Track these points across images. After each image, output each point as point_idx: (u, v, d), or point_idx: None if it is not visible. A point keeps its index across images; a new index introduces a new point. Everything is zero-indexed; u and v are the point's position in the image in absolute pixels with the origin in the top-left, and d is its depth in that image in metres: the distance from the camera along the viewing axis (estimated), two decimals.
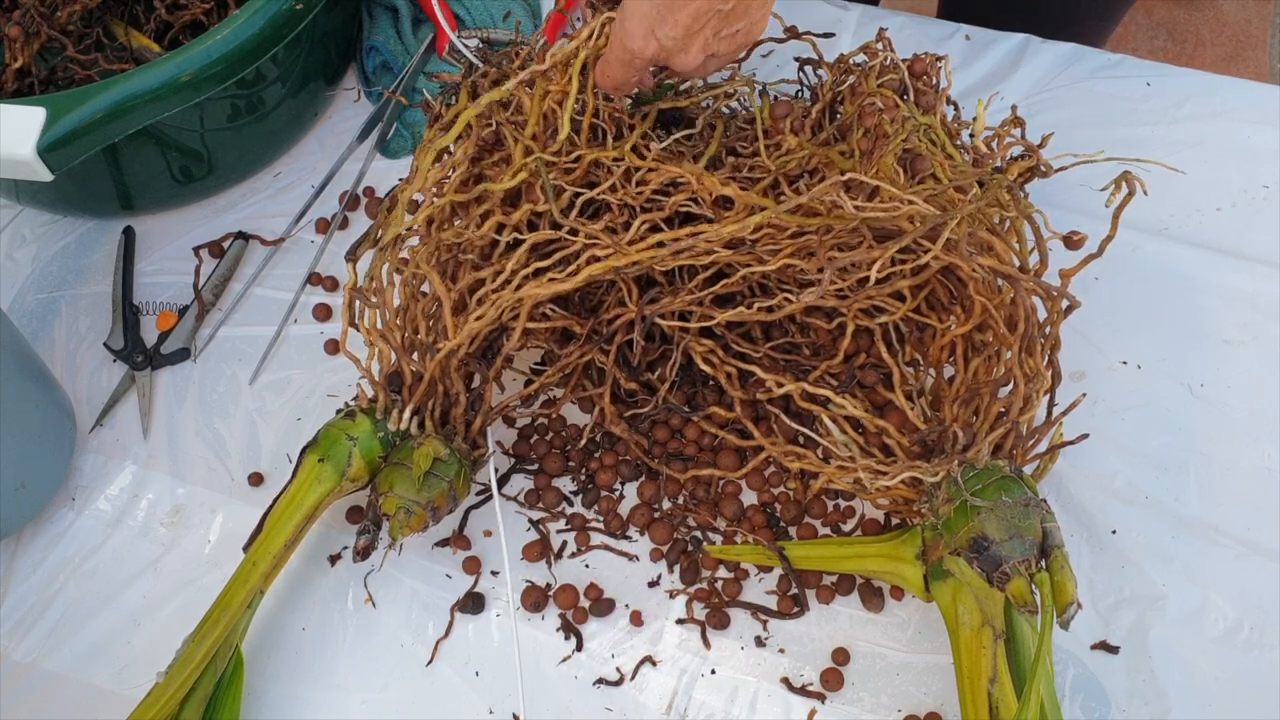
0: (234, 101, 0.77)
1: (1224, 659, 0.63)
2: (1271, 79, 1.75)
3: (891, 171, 0.61)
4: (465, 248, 0.65)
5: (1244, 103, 0.84)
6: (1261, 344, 0.74)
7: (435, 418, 0.64)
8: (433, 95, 0.72)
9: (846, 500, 0.69)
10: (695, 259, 0.61)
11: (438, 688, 0.64)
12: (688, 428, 0.70)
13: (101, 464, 0.73)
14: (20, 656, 0.66)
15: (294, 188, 0.84)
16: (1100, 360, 0.73)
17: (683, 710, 0.63)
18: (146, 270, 0.81)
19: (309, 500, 0.62)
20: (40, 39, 0.80)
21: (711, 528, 0.68)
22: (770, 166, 0.64)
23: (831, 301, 0.62)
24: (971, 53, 0.88)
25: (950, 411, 0.62)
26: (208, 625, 0.59)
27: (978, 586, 0.57)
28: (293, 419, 0.74)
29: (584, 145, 0.63)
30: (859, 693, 0.63)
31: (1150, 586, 0.65)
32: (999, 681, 0.55)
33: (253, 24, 0.72)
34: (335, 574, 0.68)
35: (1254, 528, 0.67)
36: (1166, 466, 0.70)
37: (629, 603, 0.66)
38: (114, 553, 0.69)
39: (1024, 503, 0.57)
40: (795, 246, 0.60)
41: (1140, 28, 1.81)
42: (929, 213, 0.57)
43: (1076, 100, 0.85)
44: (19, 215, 0.84)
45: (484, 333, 0.64)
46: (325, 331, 0.77)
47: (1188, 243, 0.78)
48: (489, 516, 0.69)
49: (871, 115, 0.64)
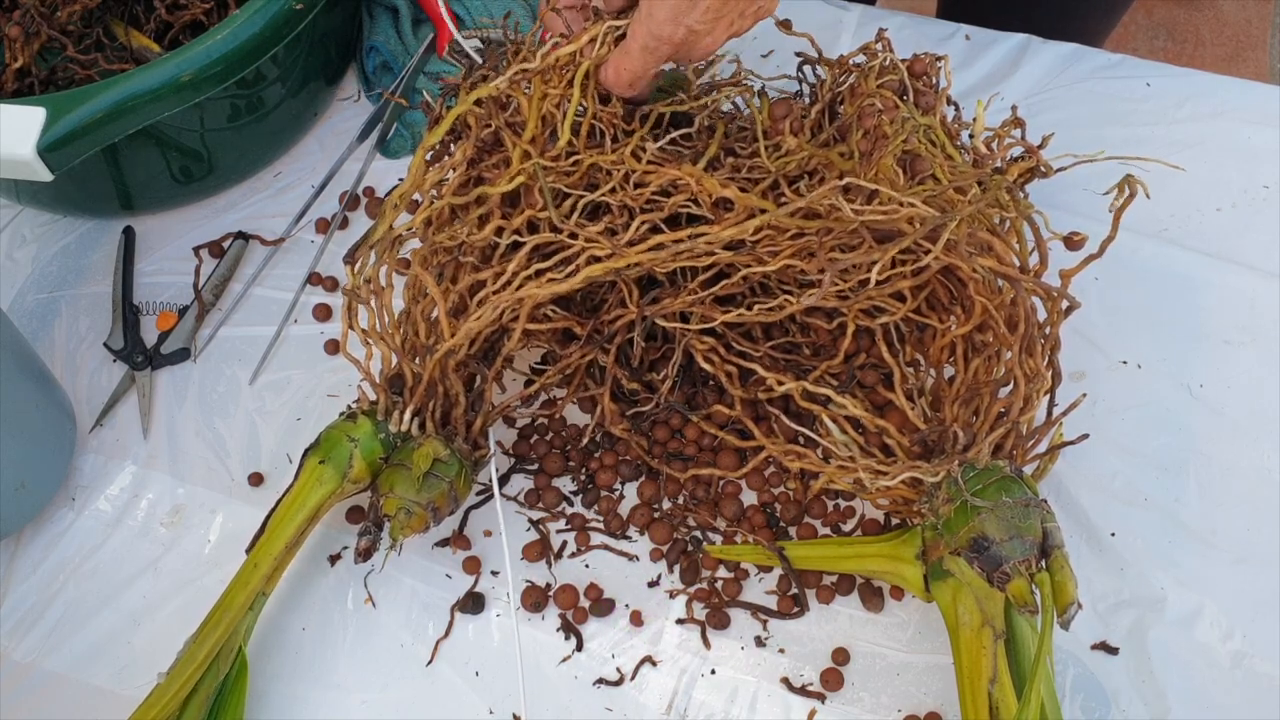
0: (234, 101, 0.77)
1: (1223, 659, 0.63)
2: (1271, 79, 1.75)
3: (891, 173, 0.61)
4: (465, 250, 0.65)
5: (1244, 103, 0.84)
6: (1261, 344, 0.74)
7: (436, 419, 0.64)
8: (433, 96, 0.72)
9: (846, 500, 0.69)
10: (695, 260, 0.61)
11: (438, 688, 0.64)
12: (688, 428, 0.70)
13: (101, 464, 0.73)
14: (20, 656, 0.66)
15: (294, 188, 0.84)
16: (1100, 360, 0.73)
17: (683, 710, 0.63)
18: (146, 270, 0.81)
19: (311, 502, 0.62)
20: (40, 39, 0.80)
21: (711, 528, 0.68)
22: (770, 167, 0.64)
23: (833, 302, 0.62)
24: (971, 53, 0.88)
25: (950, 411, 0.62)
26: (209, 626, 0.59)
27: (978, 587, 0.57)
28: (293, 419, 0.74)
29: (583, 148, 0.63)
30: (859, 693, 0.63)
31: (1149, 588, 0.65)
32: (999, 682, 0.55)
33: (253, 24, 0.72)
34: (335, 574, 0.68)
35: (1253, 528, 0.67)
36: (1166, 467, 0.70)
37: (629, 603, 0.66)
38: (114, 553, 0.69)
39: (1024, 503, 0.57)
40: (795, 248, 0.60)
41: (1140, 28, 1.81)
42: (928, 214, 0.57)
43: (1076, 100, 0.85)
44: (19, 215, 0.84)
45: (484, 334, 0.64)
46: (325, 331, 0.77)
47: (1187, 243, 0.78)
48: (489, 517, 0.69)
49: (871, 116, 0.64)
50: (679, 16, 0.57)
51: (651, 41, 0.59)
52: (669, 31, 0.58)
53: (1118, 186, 0.59)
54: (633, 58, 0.60)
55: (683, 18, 0.57)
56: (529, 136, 0.63)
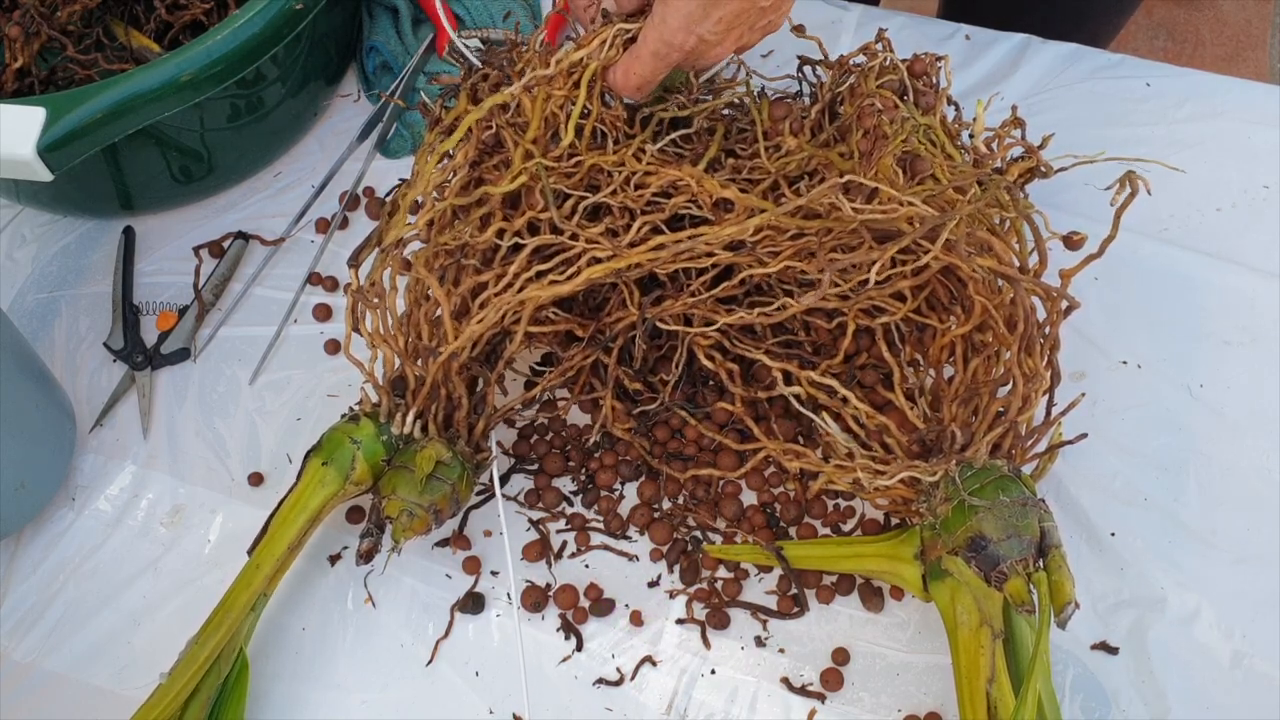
0: (234, 101, 0.77)
1: (1223, 659, 0.63)
2: (1271, 79, 1.75)
3: (890, 173, 0.61)
4: (467, 252, 0.65)
5: (1244, 103, 0.84)
6: (1261, 345, 0.74)
7: (438, 421, 0.64)
8: (431, 98, 0.72)
9: (846, 500, 0.69)
10: (695, 261, 0.61)
11: (438, 688, 0.64)
12: (687, 428, 0.70)
13: (101, 464, 0.73)
14: (20, 656, 0.66)
15: (294, 188, 0.84)
16: (1100, 360, 0.73)
17: (683, 710, 0.63)
18: (146, 270, 0.81)
19: (313, 503, 0.62)
20: (40, 39, 0.80)
21: (711, 528, 0.68)
22: (770, 168, 0.64)
23: (833, 302, 0.62)
24: (971, 53, 0.88)
25: (949, 411, 0.62)
26: (211, 627, 0.59)
27: (976, 586, 0.57)
28: (293, 419, 0.74)
29: (584, 149, 0.63)
30: (859, 693, 0.63)
31: (1149, 588, 0.65)
32: (997, 681, 0.55)
33: (253, 24, 0.72)
34: (335, 574, 0.68)
35: (1253, 528, 0.67)
36: (1166, 467, 0.70)
37: (629, 603, 0.66)
38: (114, 553, 0.69)
39: (1021, 502, 0.57)
40: (796, 248, 0.60)
41: (1140, 28, 1.81)
42: (927, 214, 0.57)
43: (1076, 100, 0.85)
44: (19, 215, 0.84)
45: (486, 336, 0.64)
46: (325, 331, 0.77)
47: (1187, 243, 0.78)
48: (489, 517, 0.69)
49: (870, 116, 0.64)
50: (691, 25, 0.58)
51: (663, 48, 0.59)
52: (680, 39, 0.58)
53: (1119, 183, 0.59)
54: (643, 62, 0.60)
55: (695, 26, 0.58)
56: (531, 136, 0.63)
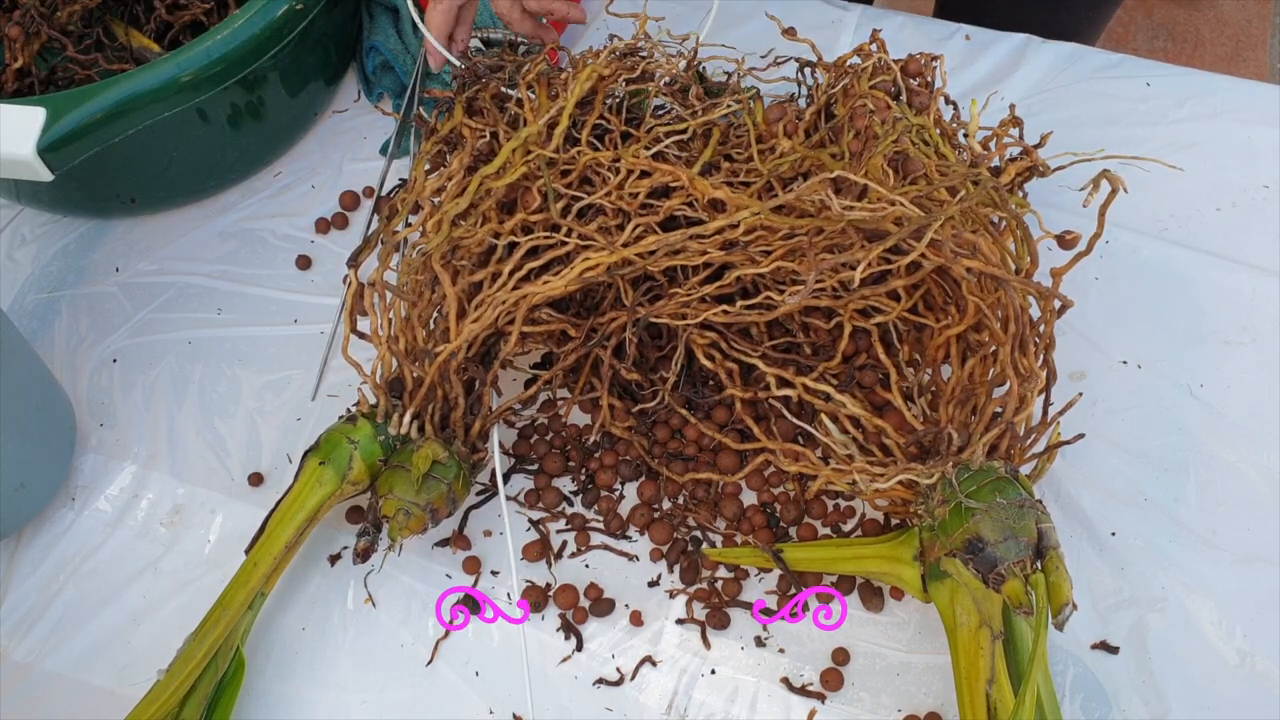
0: (234, 101, 0.77)
1: (1224, 659, 0.63)
2: (1271, 79, 1.75)
3: (880, 172, 0.61)
4: (462, 254, 0.65)
5: (1244, 103, 0.84)
6: (1261, 344, 0.74)
7: (435, 422, 0.64)
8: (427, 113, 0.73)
9: (846, 500, 0.69)
10: (688, 260, 0.61)
11: (438, 688, 0.64)
12: (688, 427, 0.70)
13: (101, 464, 0.73)
14: (20, 656, 0.66)
15: (294, 187, 0.85)
16: (1100, 360, 0.73)
17: (683, 710, 0.63)
18: (146, 270, 0.81)
19: (310, 503, 0.62)
20: (40, 39, 0.80)
21: (711, 528, 0.68)
22: (763, 170, 0.64)
23: (826, 302, 0.62)
24: (971, 53, 0.88)
25: (946, 412, 0.62)
26: (208, 625, 0.59)
27: (975, 587, 0.57)
28: (293, 419, 0.74)
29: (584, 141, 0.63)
30: (859, 693, 0.63)
31: (1150, 587, 0.65)
32: (997, 682, 0.55)
33: (253, 24, 0.72)
34: (335, 574, 0.68)
35: (1253, 528, 0.67)
36: (1166, 467, 0.69)
37: (629, 603, 0.66)
38: (114, 553, 0.69)
39: (1019, 504, 0.57)
40: (787, 248, 0.60)
41: (1140, 28, 1.81)
42: (913, 214, 0.56)
43: (1076, 100, 0.85)
44: (19, 215, 0.84)
45: (482, 337, 0.64)
46: (325, 331, 0.77)
47: (1187, 243, 0.78)
48: (488, 517, 0.69)
49: (862, 117, 0.64)
50: None
51: None
52: None
53: (1093, 183, 0.59)
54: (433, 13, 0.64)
55: None
56: (527, 134, 0.63)
